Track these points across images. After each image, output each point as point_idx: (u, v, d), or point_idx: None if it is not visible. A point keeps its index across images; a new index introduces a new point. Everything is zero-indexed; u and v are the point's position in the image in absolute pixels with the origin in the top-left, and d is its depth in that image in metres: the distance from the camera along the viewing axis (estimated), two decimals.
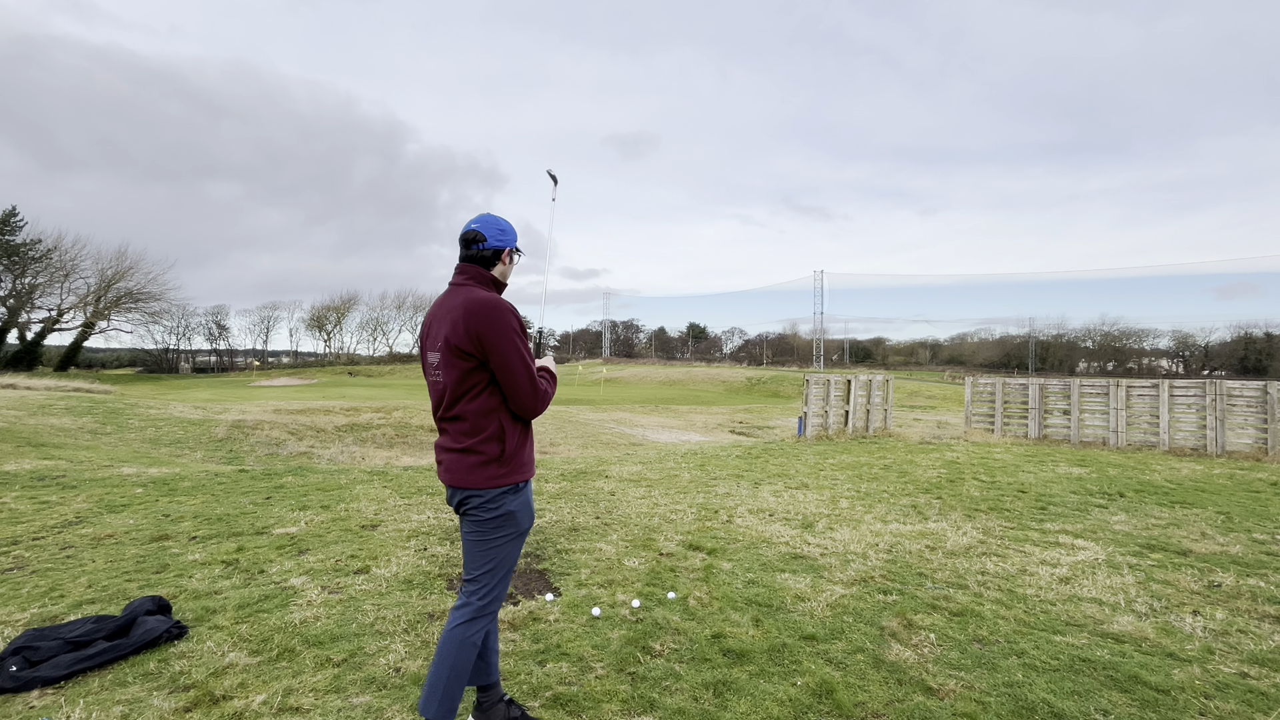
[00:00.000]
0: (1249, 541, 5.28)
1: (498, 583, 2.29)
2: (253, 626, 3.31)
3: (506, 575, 2.31)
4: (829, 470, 8.95)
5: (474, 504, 2.21)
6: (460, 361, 2.14)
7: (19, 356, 46.21)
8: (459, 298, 2.21)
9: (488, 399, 2.18)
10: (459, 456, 2.20)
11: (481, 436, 2.18)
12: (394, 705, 2.60)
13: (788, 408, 33.32)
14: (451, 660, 2.21)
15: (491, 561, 2.26)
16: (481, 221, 2.34)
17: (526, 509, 2.30)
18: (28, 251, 48.56)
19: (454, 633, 2.23)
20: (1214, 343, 71.96)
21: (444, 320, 2.19)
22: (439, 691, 2.20)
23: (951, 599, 3.87)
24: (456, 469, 2.21)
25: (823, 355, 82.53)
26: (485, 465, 2.18)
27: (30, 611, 3.47)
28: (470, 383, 2.16)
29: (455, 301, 2.20)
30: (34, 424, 13.60)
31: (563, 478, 8.09)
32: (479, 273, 2.32)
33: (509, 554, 2.29)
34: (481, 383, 2.17)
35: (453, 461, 2.22)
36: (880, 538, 5.26)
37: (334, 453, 14.85)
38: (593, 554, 4.67)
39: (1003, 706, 2.67)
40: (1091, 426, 12.76)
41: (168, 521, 5.53)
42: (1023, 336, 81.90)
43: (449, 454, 2.24)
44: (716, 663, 3.01)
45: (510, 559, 2.30)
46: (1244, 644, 3.31)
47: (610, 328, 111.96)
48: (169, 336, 70.77)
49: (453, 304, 2.21)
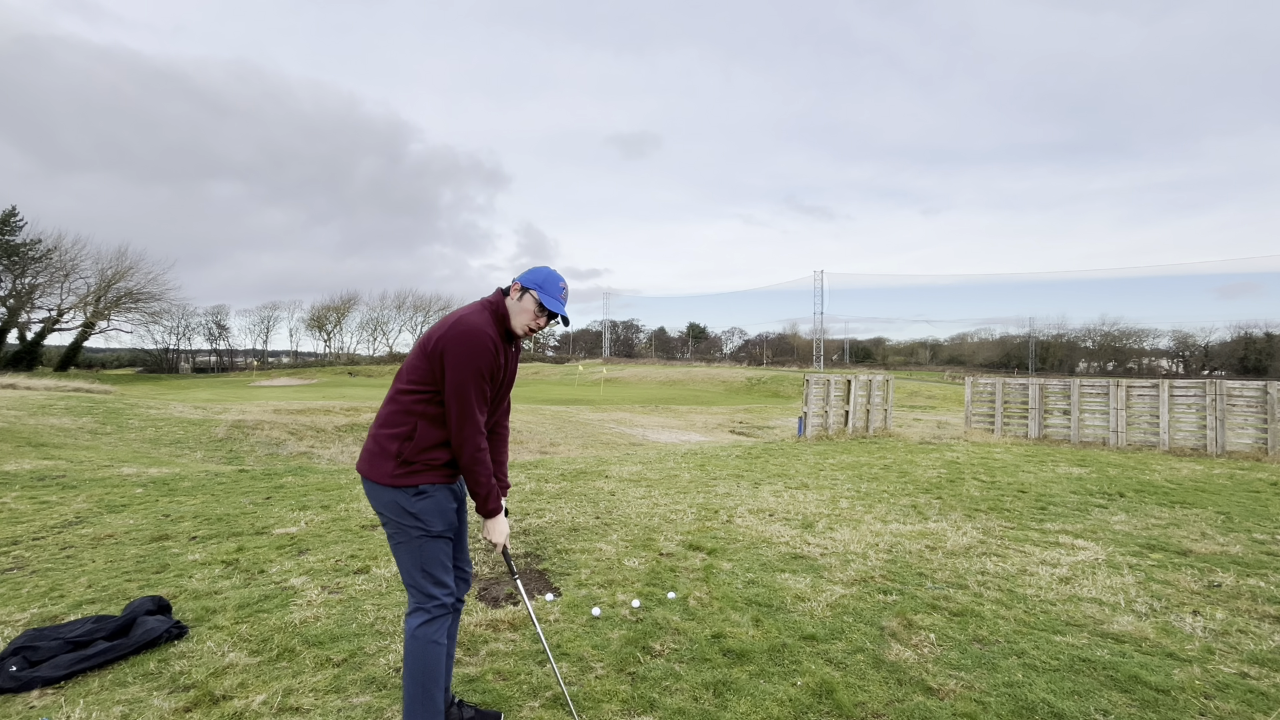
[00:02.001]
0: (1249, 541, 5.28)
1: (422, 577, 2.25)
2: (253, 626, 3.31)
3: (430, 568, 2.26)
4: (829, 470, 8.95)
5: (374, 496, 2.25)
6: (419, 361, 2.20)
7: (19, 356, 46.20)
8: (456, 314, 2.27)
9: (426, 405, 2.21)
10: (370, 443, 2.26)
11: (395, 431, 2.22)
12: (394, 705, 2.59)
13: (788, 408, 33.32)
14: (421, 666, 2.19)
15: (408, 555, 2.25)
16: (536, 267, 2.40)
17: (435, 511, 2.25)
18: (28, 251, 48.56)
19: (416, 635, 2.21)
20: (1214, 343, 72.02)
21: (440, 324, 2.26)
22: (418, 706, 2.18)
23: (951, 599, 3.86)
24: (364, 453, 2.28)
25: (823, 355, 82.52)
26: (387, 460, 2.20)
27: (30, 611, 3.47)
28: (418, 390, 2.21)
29: (457, 314, 2.27)
30: (34, 424, 13.60)
31: (563, 478, 8.09)
32: (497, 298, 2.35)
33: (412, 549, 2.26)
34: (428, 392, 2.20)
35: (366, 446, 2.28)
36: (880, 538, 5.26)
37: (334, 453, 14.85)
38: (593, 554, 4.67)
39: (1003, 706, 2.67)
40: (1091, 426, 12.76)
41: (168, 521, 5.52)
42: (1023, 336, 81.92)
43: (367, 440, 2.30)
44: (716, 663, 3.01)
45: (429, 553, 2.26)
46: (1244, 644, 3.31)
47: (610, 328, 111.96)
48: (169, 336, 70.90)
49: (454, 314, 2.28)
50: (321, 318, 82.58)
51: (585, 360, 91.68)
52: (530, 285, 2.32)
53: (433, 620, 2.23)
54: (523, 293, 2.32)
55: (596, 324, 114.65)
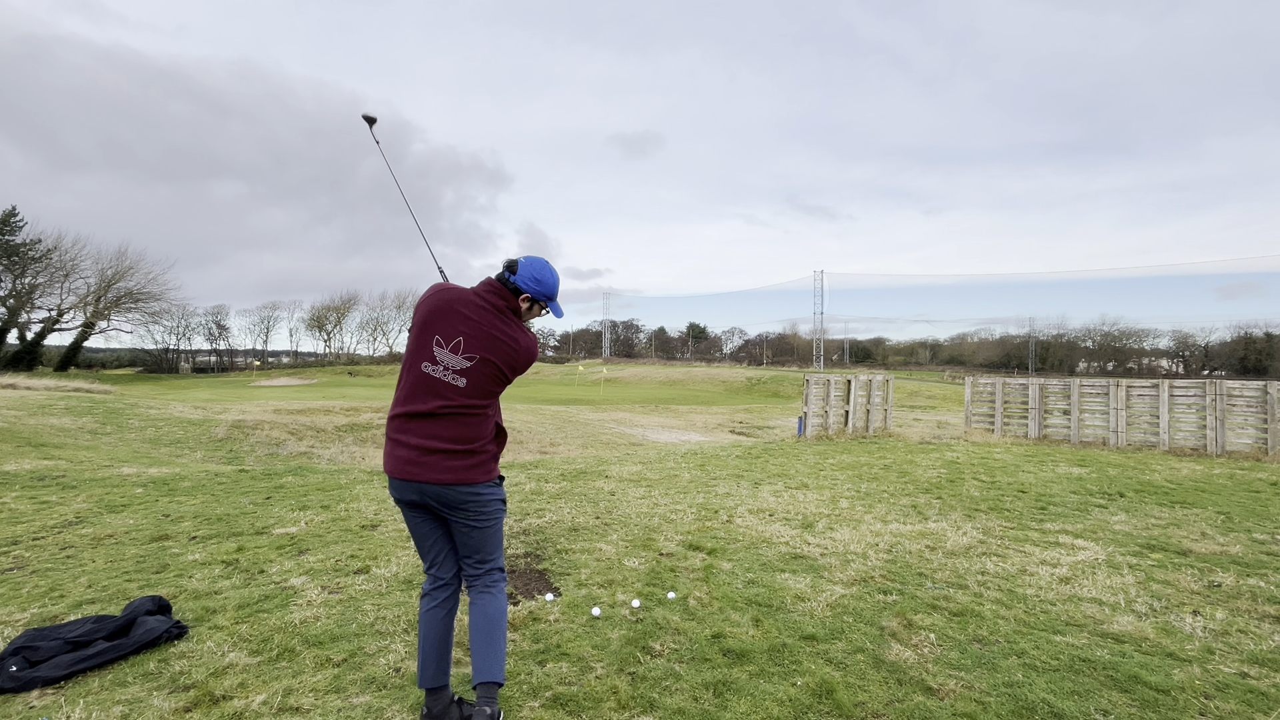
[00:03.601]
0: (1249, 541, 5.28)
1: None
2: (253, 626, 3.31)
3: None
4: (829, 470, 8.95)
5: (475, 498, 2.40)
6: (494, 386, 2.41)
7: (19, 356, 46.18)
8: (511, 331, 2.42)
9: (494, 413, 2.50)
10: (460, 458, 2.37)
11: (485, 440, 2.43)
12: (394, 705, 2.60)
13: (788, 408, 33.32)
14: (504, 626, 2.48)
15: (498, 536, 2.53)
16: (529, 260, 2.47)
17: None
18: (28, 251, 48.55)
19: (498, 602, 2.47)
20: (1214, 343, 72.04)
21: (490, 340, 2.36)
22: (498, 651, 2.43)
23: (951, 599, 3.86)
24: (456, 468, 2.36)
25: (823, 355, 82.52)
26: (488, 463, 2.44)
27: (30, 611, 3.47)
28: (491, 402, 2.44)
29: (507, 332, 2.40)
30: (34, 424, 13.60)
31: (563, 478, 8.09)
32: (518, 307, 2.47)
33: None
34: (496, 400, 2.48)
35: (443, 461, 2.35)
36: (880, 538, 5.26)
37: (334, 453, 14.84)
38: (593, 554, 4.67)
39: (1003, 706, 2.67)
40: (1091, 426, 12.76)
41: (168, 521, 5.52)
42: (1023, 336, 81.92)
43: (437, 455, 2.34)
44: (716, 663, 3.01)
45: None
46: (1244, 644, 3.31)
47: (610, 328, 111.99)
48: (169, 336, 70.86)
49: (504, 333, 2.39)
50: (321, 318, 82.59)
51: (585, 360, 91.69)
52: (541, 297, 2.49)
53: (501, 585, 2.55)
54: (533, 305, 2.51)
55: (596, 324, 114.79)
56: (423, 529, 2.48)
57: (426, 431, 2.33)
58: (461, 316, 2.34)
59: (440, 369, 2.33)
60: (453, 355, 2.33)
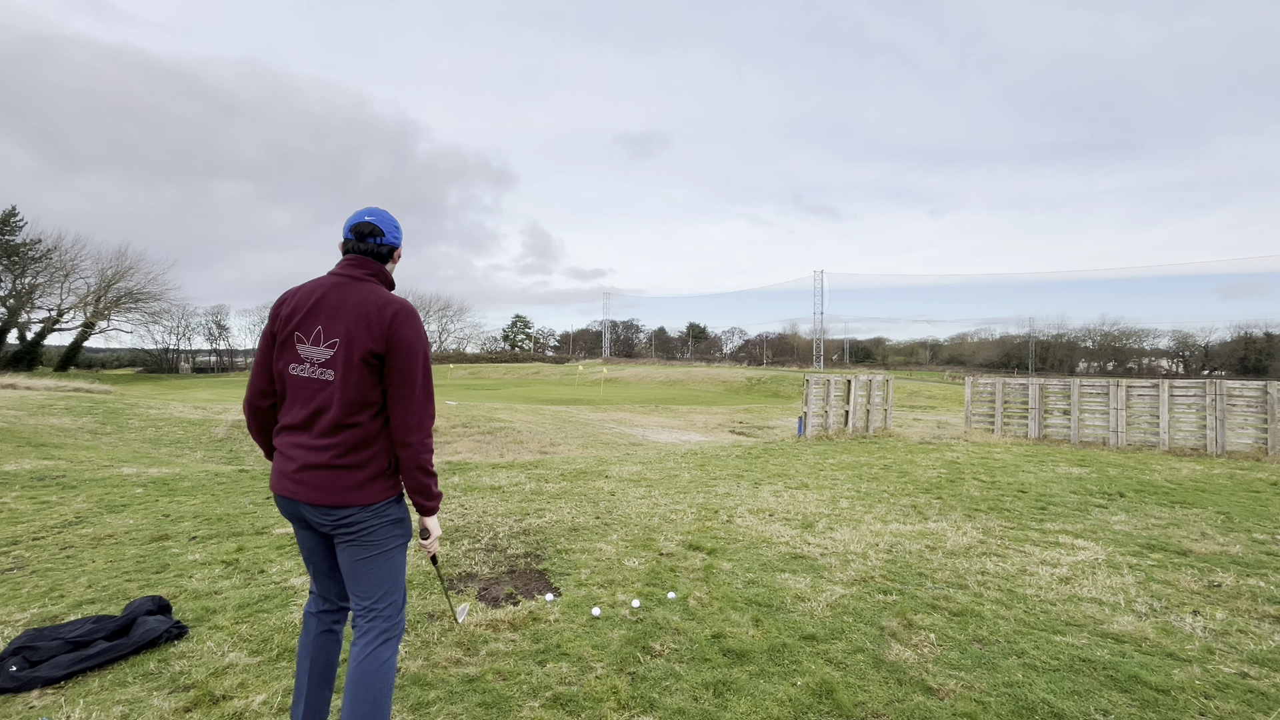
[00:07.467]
0: (1249, 541, 5.28)
1: (401, 592, 2.15)
2: (253, 626, 3.31)
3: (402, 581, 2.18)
4: (829, 470, 8.95)
5: (361, 519, 2.02)
6: (366, 370, 1.98)
7: (19, 356, 46.19)
8: (368, 295, 2.04)
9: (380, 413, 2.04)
10: (340, 473, 1.99)
11: (376, 448, 2.02)
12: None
13: (788, 408, 33.32)
14: (386, 699, 2.05)
15: (395, 573, 2.11)
16: (377, 215, 2.17)
17: (408, 514, 2.19)
18: (28, 251, 48.54)
19: (387, 665, 2.06)
20: (1214, 343, 71.96)
21: (345, 318, 1.99)
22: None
23: (951, 599, 3.86)
24: (336, 486, 1.99)
25: (823, 355, 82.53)
26: (378, 478, 2.04)
27: (30, 611, 3.47)
28: (373, 395, 2.01)
29: (364, 298, 2.02)
30: (34, 424, 13.60)
31: (563, 477, 8.09)
32: (383, 271, 2.17)
33: (403, 560, 2.17)
34: (379, 396, 2.03)
35: (329, 479, 1.99)
36: (880, 538, 5.26)
37: None
38: (593, 554, 4.67)
39: (1003, 706, 2.67)
40: (1091, 426, 12.76)
41: (168, 521, 5.52)
42: (1023, 336, 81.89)
43: (319, 471, 1.99)
44: (716, 663, 3.01)
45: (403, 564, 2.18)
46: (1244, 644, 3.31)
47: (610, 328, 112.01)
48: (169, 336, 71.03)
49: (361, 300, 2.02)
50: None
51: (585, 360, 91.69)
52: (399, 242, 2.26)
53: (390, 641, 2.09)
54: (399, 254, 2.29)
55: (597, 324, 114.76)
56: (310, 545, 2.18)
57: (302, 443, 2.02)
58: (317, 301, 2.04)
59: (306, 366, 2.01)
60: (314, 347, 2.01)
